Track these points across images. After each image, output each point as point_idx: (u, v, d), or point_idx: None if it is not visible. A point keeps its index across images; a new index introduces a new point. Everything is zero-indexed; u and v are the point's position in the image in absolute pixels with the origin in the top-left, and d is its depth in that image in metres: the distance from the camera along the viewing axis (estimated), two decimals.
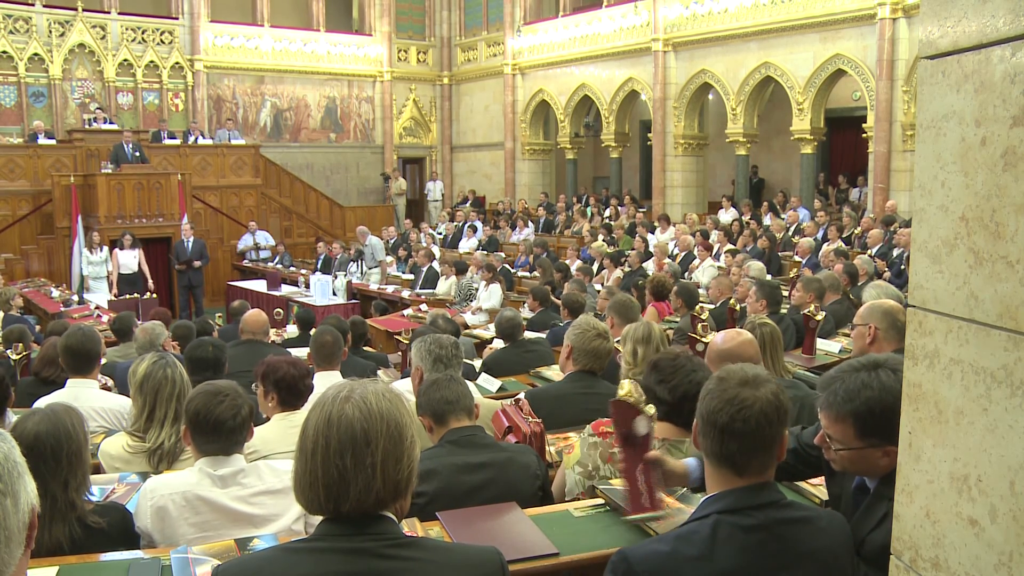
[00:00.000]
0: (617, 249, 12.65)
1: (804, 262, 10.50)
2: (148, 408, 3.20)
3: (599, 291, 8.71)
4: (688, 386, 2.71)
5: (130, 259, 12.82)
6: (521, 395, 3.69)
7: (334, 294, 11.45)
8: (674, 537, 1.83)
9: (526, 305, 9.09)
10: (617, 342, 4.67)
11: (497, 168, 20.70)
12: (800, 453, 2.41)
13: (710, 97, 16.49)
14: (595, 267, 11.44)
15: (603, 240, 13.05)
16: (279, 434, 3.30)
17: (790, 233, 12.63)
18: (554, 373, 5.23)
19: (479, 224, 16.70)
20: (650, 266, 11.10)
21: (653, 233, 13.64)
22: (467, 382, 3.24)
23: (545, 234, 15.99)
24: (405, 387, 4.20)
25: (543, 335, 6.80)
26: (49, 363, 4.69)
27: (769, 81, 14.81)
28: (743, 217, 13.76)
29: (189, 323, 6.70)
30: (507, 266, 12.26)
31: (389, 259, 13.80)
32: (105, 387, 4.50)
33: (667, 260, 11.14)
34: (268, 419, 3.46)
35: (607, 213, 16.33)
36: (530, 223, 16.30)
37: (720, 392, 1.86)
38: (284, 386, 3.43)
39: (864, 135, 13.45)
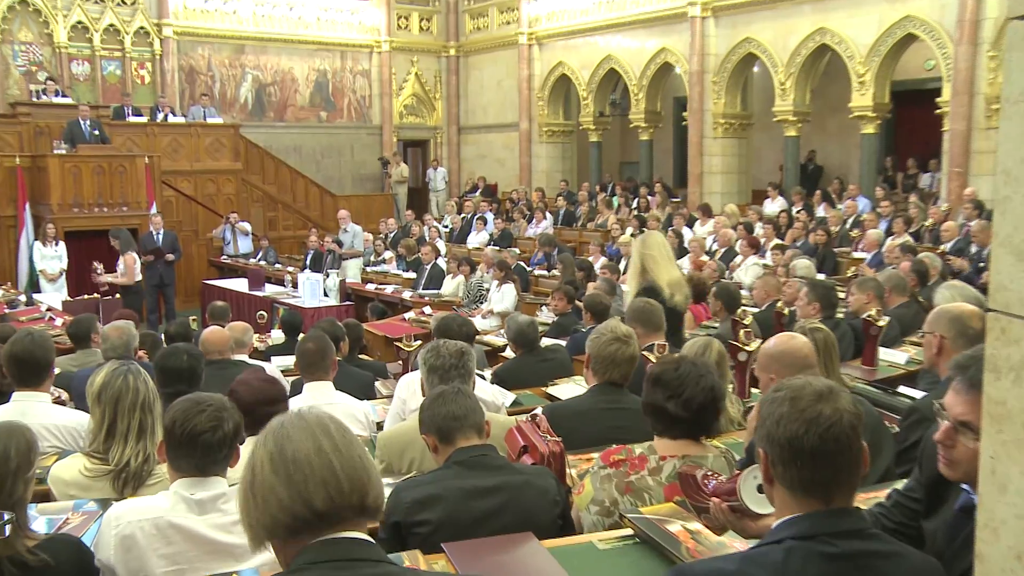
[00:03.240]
0: None
1: (868, 259, 10.45)
2: (108, 421, 3.21)
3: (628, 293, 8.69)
4: (702, 395, 2.84)
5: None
6: (538, 410, 3.68)
7: (325, 295, 11.47)
8: (741, 558, 1.85)
9: (545, 308, 9.11)
10: (647, 350, 4.67)
11: (511, 152, 20.72)
12: (899, 503, 2.44)
13: (755, 70, 16.44)
14: (622, 265, 11.41)
15: (632, 234, 13.03)
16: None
17: (847, 226, 12.56)
18: (575, 385, 5.24)
19: (490, 216, 16.72)
20: (685, 264, 11.07)
21: (689, 227, 13.62)
22: (477, 395, 3.25)
23: (565, 227, 16.00)
24: (411, 391, 4.20)
25: (563, 342, 6.83)
26: None
27: (824, 50, 14.73)
28: (793, 208, 13.70)
29: (153, 332, 6.74)
30: (522, 264, 12.25)
31: (388, 255, 13.84)
32: (59, 401, 4.48)
33: (705, 257, 11.11)
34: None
35: (636, 203, 16.32)
36: (548, 215, 16.31)
37: (798, 413, 1.85)
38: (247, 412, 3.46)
39: (937, 111, 13.28)
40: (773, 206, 14.35)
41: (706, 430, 2.93)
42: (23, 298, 10.75)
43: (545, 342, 6.41)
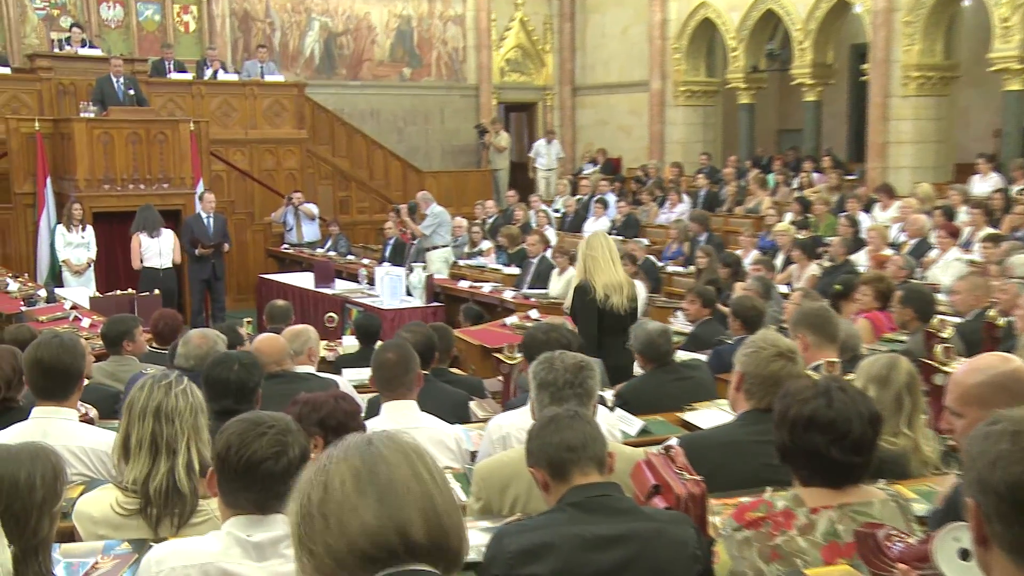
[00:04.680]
0: (813, 234, 12.40)
1: None
2: (123, 433, 3.32)
3: (787, 295, 8.53)
4: (871, 430, 2.83)
5: (164, 247, 13.00)
6: (673, 441, 3.66)
7: (408, 293, 11.62)
8: None
9: (680, 314, 9.03)
10: (813, 369, 4.58)
11: (639, 118, 20.63)
12: None
13: (965, 3, 15.88)
14: (779, 260, 11.23)
15: (792, 222, 12.79)
16: None
17: None
18: (719, 411, 5.20)
19: (611, 197, 16.67)
20: (862, 259, 10.84)
21: (867, 211, 13.31)
22: (598, 422, 3.25)
23: (707, 211, 15.82)
24: (514, 426, 4.24)
25: (703, 357, 6.78)
26: (1, 384, 4.70)
27: None
28: (1013, 187, 13.23)
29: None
30: (652, 258, 12.17)
31: (486, 245, 13.94)
32: (86, 419, 4.60)
33: (888, 251, 10.85)
34: None
35: (797, 182, 16.04)
36: (685, 197, 16.17)
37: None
38: (332, 426, 3.55)
39: None
40: (984, 185, 13.87)
41: (870, 469, 2.89)
42: (43, 293, 10.88)
43: (680, 356, 6.36)
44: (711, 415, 5.17)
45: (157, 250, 12.92)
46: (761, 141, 19.71)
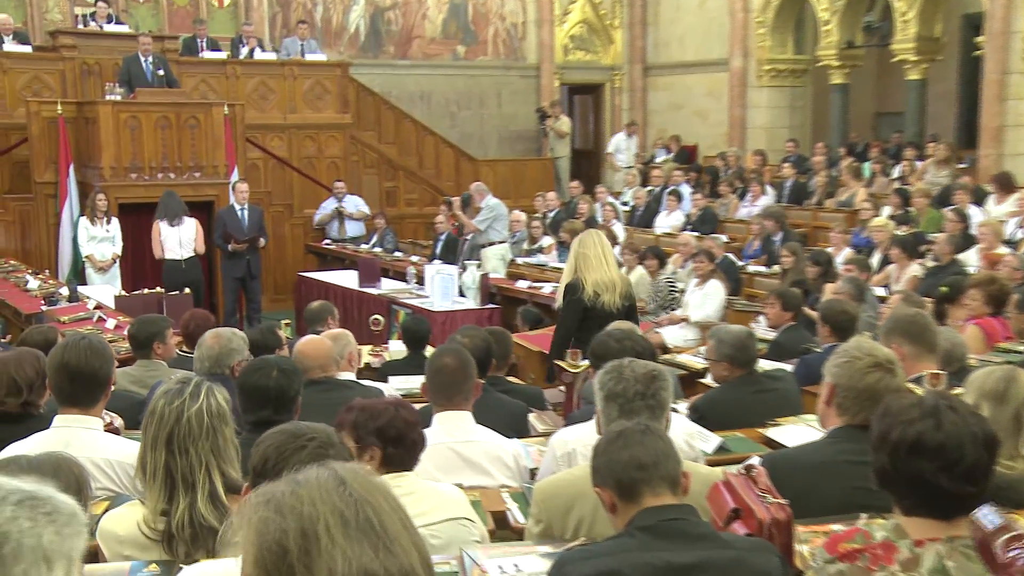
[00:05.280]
0: (915, 230, 12.25)
1: None
2: (140, 455, 3.34)
3: (884, 298, 8.43)
4: (986, 455, 2.72)
5: (185, 236, 13.15)
6: (755, 460, 3.70)
7: (461, 294, 11.65)
8: None
9: (762, 319, 8.97)
10: (914, 382, 4.52)
11: (717, 101, 20.56)
12: None
13: None
14: (875, 259, 11.11)
15: (891, 216, 12.63)
16: None
17: None
18: (806, 427, 5.17)
19: (686, 189, 16.59)
20: (972, 258, 10.70)
21: (978, 204, 13.12)
22: (671, 437, 3.24)
23: (793, 206, 15.69)
24: (581, 441, 4.23)
25: (788, 366, 6.74)
26: (23, 387, 4.79)
27: None
28: None
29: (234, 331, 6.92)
30: (731, 256, 12.09)
31: (547, 241, 13.93)
32: (111, 428, 4.67)
33: (1003, 249, 10.69)
34: None
35: (898, 172, 15.87)
36: (769, 188, 16.06)
37: None
38: (391, 437, 3.55)
39: None
40: None
41: (984, 499, 2.82)
42: (65, 291, 10.98)
43: (762, 366, 6.32)
44: (797, 432, 5.15)
45: (177, 240, 13.01)
46: (856, 126, 19.53)
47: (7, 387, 4.73)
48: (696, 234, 13.14)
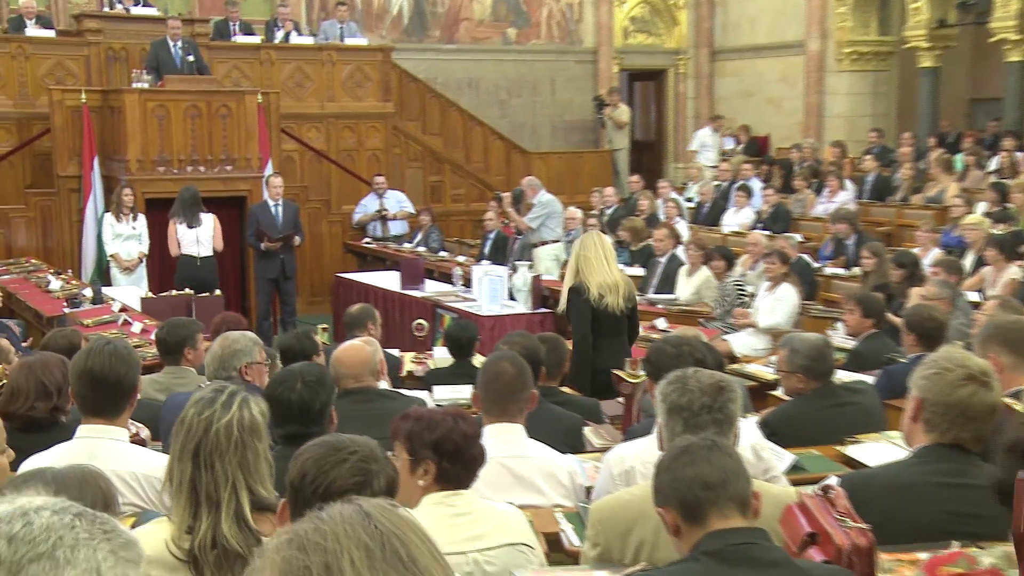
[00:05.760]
0: (1014, 228, 12.11)
1: None
2: (168, 465, 3.36)
3: (978, 304, 8.34)
4: None
5: (203, 234, 13.17)
6: (833, 481, 3.65)
7: (511, 297, 11.64)
8: None
9: (840, 326, 8.91)
10: (1012, 396, 4.47)
11: (791, 87, 20.48)
12: None
13: None
14: (968, 261, 10.99)
15: (986, 213, 12.53)
16: (435, 527, 3.38)
17: None
18: (889, 445, 5.14)
19: (757, 184, 16.50)
20: None
21: None
22: (740, 454, 3.23)
23: (875, 202, 15.58)
24: (640, 458, 4.23)
25: (870, 378, 6.69)
26: (52, 391, 4.89)
27: None
28: None
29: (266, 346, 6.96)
30: (806, 258, 12.02)
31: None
32: (137, 440, 4.72)
33: None
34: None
35: (994, 164, 15.73)
36: (848, 183, 15.93)
37: None
38: (448, 451, 3.56)
39: None
40: None
41: None
42: (89, 292, 11.01)
43: (840, 377, 6.28)
44: (879, 450, 5.12)
45: (194, 237, 13.09)
46: (947, 113, 19.37)
47: (36, 391, 4.83)
48: (767, 233, 13.07)
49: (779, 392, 6.69)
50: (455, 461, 3.56)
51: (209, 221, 13.17)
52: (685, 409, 3.68)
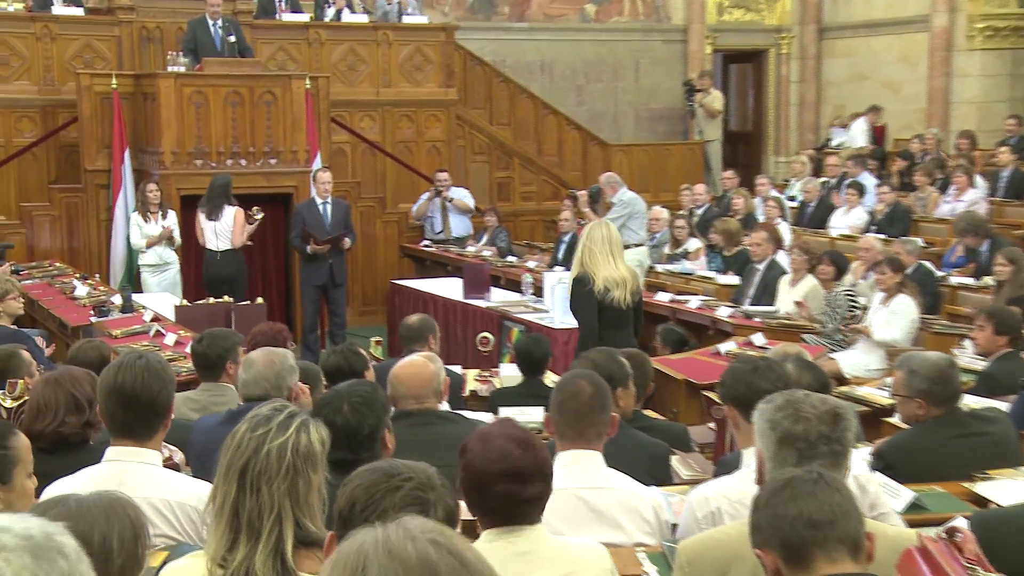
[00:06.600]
0: None
1: None
2: (214, 485, 3.35)
3: None
4: None
5: (222, 227, 13.32)
6: (960, 522, 3.63)
7: None
8: None
9: (967, 344, 8.82)
10: None
11: (912, 69, 20.34)
12: None
13: None
14: None
15: None
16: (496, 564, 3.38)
17: None
18: None
19: (870, 180, 16.36)
20: None
21: None
22: (849, 488, 3.19)
23: (1012, 201, 15.39)
24: (727, 498, 4.20)
25: (1003, 404, 6.62)
26: (84, 405, 4.93)
27: None
28: None
29: (311, 364, 6.95)
30: (928, 265, 11.89)
31: (694, 245, 13.86)
32: (171, 464, 4.79)
33: None
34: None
35: None
36: (980, 179, 15.77)
37: None
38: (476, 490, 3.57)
39: None
40: None
41: None
42: (118, 299, 11.12)
43: (968, 403, 6.20)
44: (1015, 487, 5.06)
45: (213, 229, 13.21)
46: None
47: (66, 405, 4.89)
48: (882, 237, 12.95)
49: (895, 419, 6.65)
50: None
51: (230, 214, 13.28)
52: (801, 439, 3.61)
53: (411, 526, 1.83)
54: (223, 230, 13.18)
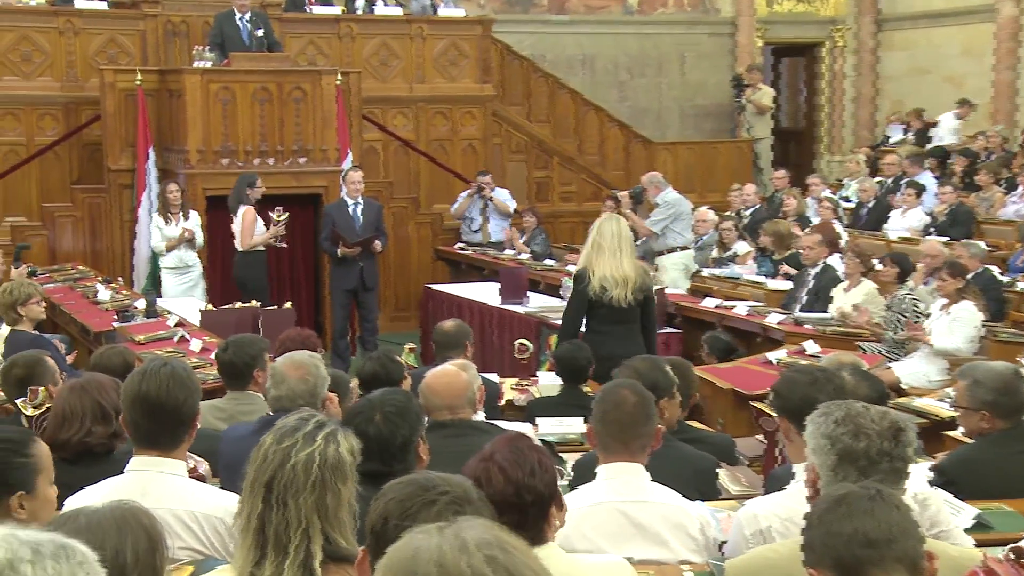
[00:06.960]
0: None
1: None
2: (239, 506, 3.37)
3: None
4: None
5: (238, 229, 13.35)
6: None
7: None
8: None
9: None
10: None
11: (976, 62, 20.26)
12: None
13: None
14: None
15: None
16: None
17: None
18: None
19: (930, 180, 16.28)
20: None
21: None
22: (909, 504, 3.18)
23: None
24: (777, 516, 4.20)
25: None
26: (111, 413, 4.97)
27: None
28: None
29: (342, 372, 6.93)
30: (992, 269, 11.83)
31: (743, 248, 13.82)
32: (197, 475, 4.81)
33: None
34: None
35: None
36: None
37: None
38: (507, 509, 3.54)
39: None
40: None
41: None
42: (142, 304, 11.22)
43: None
44: None
45: (235, 229, 13.34)
46: None
47: (92, 414, 4.95)
48: (944, 240, 12.88)
49: (957, 432, 6.63)
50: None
51: (238, 215, 13.36)
52: (862, 456, 3.57)
53: (468, 537, 1.84)
54: (238, 230, 13.25)
